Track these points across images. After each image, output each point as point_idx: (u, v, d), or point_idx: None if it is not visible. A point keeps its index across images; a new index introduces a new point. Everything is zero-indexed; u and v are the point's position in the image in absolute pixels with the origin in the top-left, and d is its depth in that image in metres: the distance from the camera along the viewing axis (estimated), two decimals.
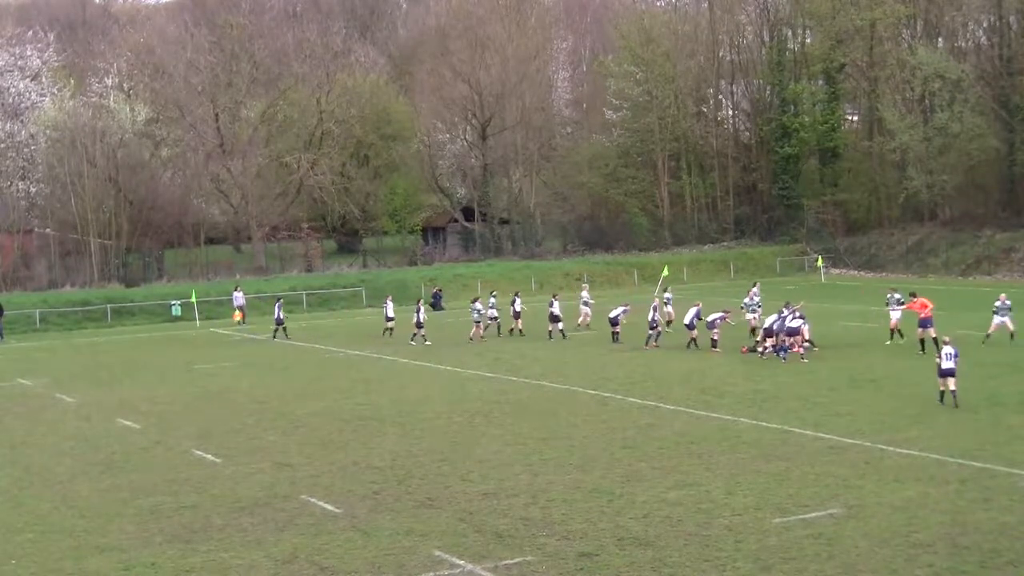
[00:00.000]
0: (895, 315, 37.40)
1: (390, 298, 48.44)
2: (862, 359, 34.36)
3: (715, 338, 37.29)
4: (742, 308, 40.71)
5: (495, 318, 45.34)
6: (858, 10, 74.70)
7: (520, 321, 44.94)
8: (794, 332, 34.59)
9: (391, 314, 46.06)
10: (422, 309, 44.16)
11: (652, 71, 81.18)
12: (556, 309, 43.22)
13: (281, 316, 47.98)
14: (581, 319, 45.81)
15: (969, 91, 70.17)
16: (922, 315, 34.87)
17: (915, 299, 35.90)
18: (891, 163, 75.91)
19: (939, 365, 26.28)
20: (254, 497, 20.30)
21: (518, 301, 45.47)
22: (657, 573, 15.39)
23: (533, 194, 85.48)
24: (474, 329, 43.99)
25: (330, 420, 27.85)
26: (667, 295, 46.21)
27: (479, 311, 44.07)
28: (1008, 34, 72.36)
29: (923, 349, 34.47)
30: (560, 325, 43.05)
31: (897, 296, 37.94)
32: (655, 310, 40.23)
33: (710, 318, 37.70)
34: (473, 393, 31.12)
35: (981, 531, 16.54)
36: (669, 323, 43.08)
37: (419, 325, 43.29)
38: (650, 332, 39.35)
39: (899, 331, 37.14)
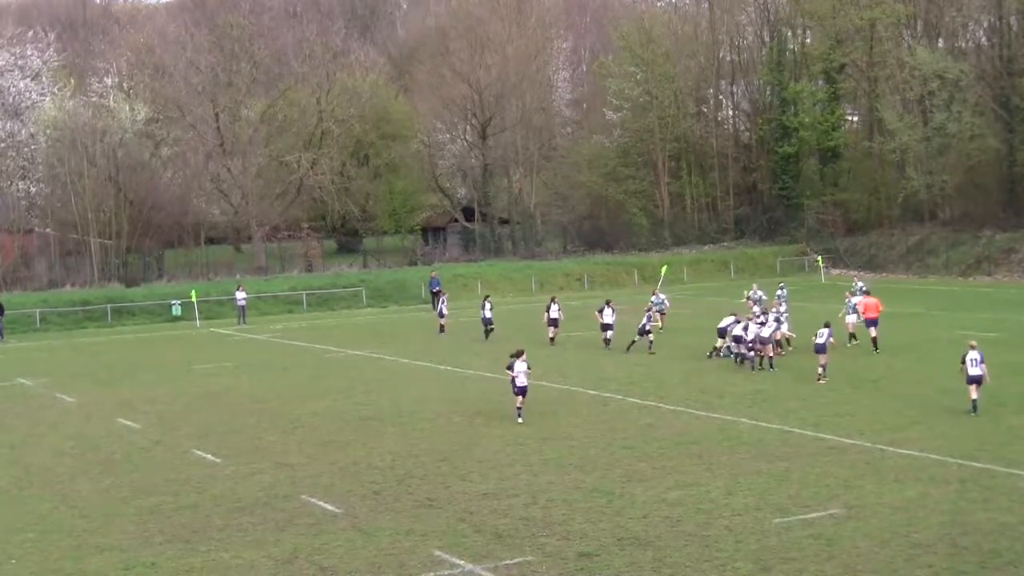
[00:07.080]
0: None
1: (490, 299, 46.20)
2: (862, 359, 34.36)
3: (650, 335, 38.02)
4: (651, 306, 41.04)
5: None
6: (858, 10, 74.67)
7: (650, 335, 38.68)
8: (766, 341, 32.80)
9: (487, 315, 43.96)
10: (445, 300, 48.38)
11: (652, 71, 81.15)
12: (607, 318, 40.22)
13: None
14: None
15: (969, 91, 70.12)
16: (866, 315, 36.26)
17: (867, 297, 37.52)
18: (891, 163, 75.87)
19: (966, 372, 25.06)
20: (254, 497, 20.30)
21: (647, 317, 38.78)
22: (657, 573, 15.39)
23: (533, 194, 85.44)
24: (661, 320, 42.96)
25: (330, 420, 27.85)
26: (654, 298, 43.56)
27: (661, 301, 43.84)
28: (1008, 34, 72.30)
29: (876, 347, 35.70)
30: (609, 334, 39.82)
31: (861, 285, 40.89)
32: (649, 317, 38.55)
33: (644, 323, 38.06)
34: (473, 393, 31.13)
35: (981, 531, 16.54)
36: (789, 341, 36.52)
37: (441, 315, 47.24)
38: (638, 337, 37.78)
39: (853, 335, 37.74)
